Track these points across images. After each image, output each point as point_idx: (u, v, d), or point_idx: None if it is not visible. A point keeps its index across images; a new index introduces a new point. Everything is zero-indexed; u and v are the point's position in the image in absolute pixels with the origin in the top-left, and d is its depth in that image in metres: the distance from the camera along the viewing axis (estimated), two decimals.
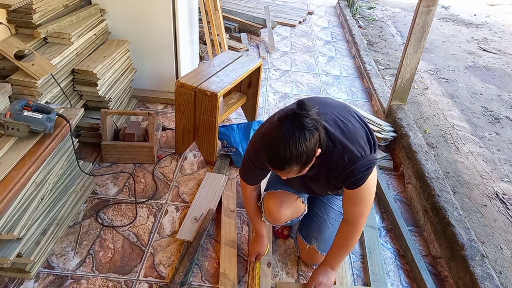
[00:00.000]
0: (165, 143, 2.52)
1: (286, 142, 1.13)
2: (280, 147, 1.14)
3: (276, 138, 1.15)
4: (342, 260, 1.59)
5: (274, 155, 1.17)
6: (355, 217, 1.44)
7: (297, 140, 1.13)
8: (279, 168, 1.20)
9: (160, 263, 1.76)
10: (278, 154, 1.16)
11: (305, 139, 1.14)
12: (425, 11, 2.37)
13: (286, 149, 1.14)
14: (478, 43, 4.77)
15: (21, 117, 1.54)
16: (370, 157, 1.33)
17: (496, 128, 3.02)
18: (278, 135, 1.15)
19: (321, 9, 5.62)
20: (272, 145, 1.17)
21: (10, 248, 1.46)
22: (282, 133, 1.14)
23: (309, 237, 1.71)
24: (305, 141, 1.14)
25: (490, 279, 1.62)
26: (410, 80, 2.67)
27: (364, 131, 1.39)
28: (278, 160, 1.17)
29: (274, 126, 1.18)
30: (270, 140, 1.18)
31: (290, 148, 1.13)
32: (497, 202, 2.27)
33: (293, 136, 1.13)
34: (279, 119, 1.18)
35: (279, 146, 1.14)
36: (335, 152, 1.30)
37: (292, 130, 1.13)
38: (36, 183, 1.59)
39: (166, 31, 2.65)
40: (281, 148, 1.14)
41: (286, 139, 1.13)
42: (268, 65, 3.74)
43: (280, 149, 1.14)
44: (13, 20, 2.02)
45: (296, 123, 1.14)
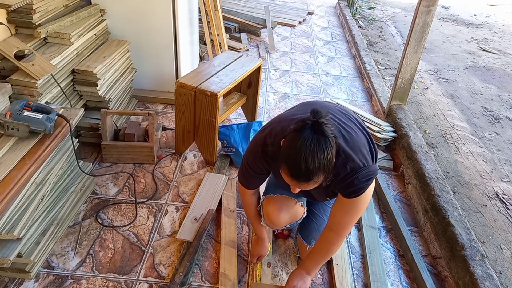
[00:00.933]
0: (165, 143, 2.52)
1: (314, 152, 1.09)
2: (308, 158, 1.09)
3: (301, 149, 1.09)
4: (319, 267, 1.56)
5: (300, 168, 1.11)
6: (342, 225, 1.41)
7: (324, 149, 1.10)
8: (305, 180, 1.14)
9: (160, 263, 1.76)
10: (306, 166, 1.10)
11: (330, 146, 1.11)
12: (425, 11, 2.37)
13: (314, 160, 1.09)
14: (478, 43, 4.77)
15: (21, 117, 1.54)
16: (372, 167, 1.30)
17: (496, 128, 3.02)
18: (302, 146, 1.09)
19: (321, 9, 5.62)
20: (297, 157, 1.10)
21: (10, 248, 1.46)
22: (308, 144, 1.09)
23: (309, 238, 1.71)
24: (330, 148, 1.11)
25: (490, 279, 1.62)
26: (410, 80, 2.67)
27: (367, 140, 1.37)
28: (307, 172, 1.11)
29: (294, 137, 1.12)
30: (295, 153, 1.10)
31: (319, 158, 1.09)
32: (497, 202, 2.27)
33: (320, 145, 1.09)
34: (298, 130, 1.12)
35: (307, 158, 1.09)
36: (338, 160, 1.25)
37: (318, 139, 1.09)
38: (36, 183, 1.59)
39: (166, 31, 2.65)
40: (309, 159, 1.09)
41: (313, 149, 1.09)
42: (268, 65, 3.74)
43: (308, 161, 1.09)
44: (13, 20, 2.02)
45: (318, 132, 1.10)
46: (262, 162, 1.41)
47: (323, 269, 1.81)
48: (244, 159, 1.49)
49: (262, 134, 1.41)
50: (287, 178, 1.19)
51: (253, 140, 1.47)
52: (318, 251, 1.51)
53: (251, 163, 1.44)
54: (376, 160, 1.39)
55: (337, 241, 1.45)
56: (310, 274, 1.56)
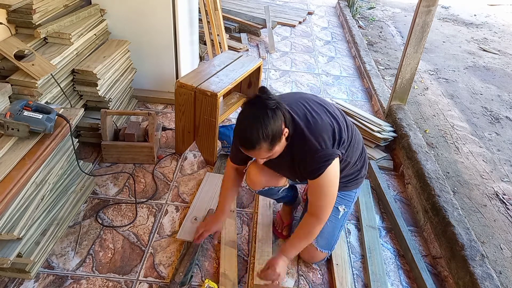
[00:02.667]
0: (165, 143, 2.52)
1: (252, 122, 1.24)
2: (247, 128, 1.25)
3: (243, 121, 1.27)
4: (298, 251, 1.60)
5: (243, 137, 1.27)
6: (317, 209, 1.49)
7: (262, 119, 1.24)
8: (249, 148, 1.29)
9: (160, 263, 1.76)
10: (246, 135, 1.26)
11: (268, 117, 1.25)
12: (425, 11, 2.37)
13: (253, 129, 1.24)
14: (478, 43, 4.78)
15: (21, 117, 1.54)
16: (330, 151, 1.41)
17: (496, 128, 3.02)
18: (244, 118, 1.27)
19: (321, 9, 5.62)
20: (240, 128, 1.28)
21: (10, 248, 1.46)
22: (247, 115, 1.26)
23: None
24: (269, 119, 1.25)
25: (490, 279, 1.62)
26: (410, 80, 2.67)
27: (331, 127, 1.45)
28: (248, 141, 1.27)
29: (240, 111, 1.30)
30: (238, 124, 1.29)
31: (257, 127, 1.24)
32: (497, 202, 2.27)
33: (257, 116, 1.24)
34: (243, 104, 1.29)
35: (247, 128, 1.25)
36: (297, 141, 1.40)
37: (256, 111, 1.25)
38: (36, 183, 1.59)
39: (166, 31, 2.65)
40: (248, 129, 1.25)
41: (252, 120, 1.24)
42: (268, 65, 3.74)
43: (247, 130, 1.25)
44: (13, 20, 2.02)
45: (258, 105, 1.26)
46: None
47: (323, 269, 1.81)
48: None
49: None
50: (241, 149, 1.32)
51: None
52: (297, 235, 1.56)
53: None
54: (341, 146, 1.46)
55: (316, 224, 1.51)
56: (289, 257, 1.57)
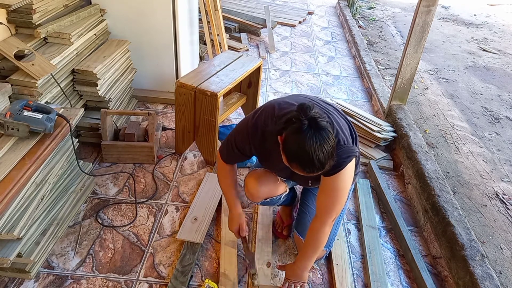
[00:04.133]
0: (165, 143, 2.52)
1: (321, 147, 1.19)
2: (319, 154, 1.19)
3: (310, 149, 1.19)
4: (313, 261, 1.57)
5: (313, 163, 1.20)
6: (326, 209, 1.46)
7: (327, 140, 1.20)
8: (317, 171, 1.23)
9: (160, 263, 1.76)
10: (319, 161, 1.20)
11: (330, 134, 1.22)
12: (425, 11, 2.37)
13: (324, 153, 1.20)
14: (478, 43, 4.77)
15: (21, 117, 1.54)
16: (353, 147, 1.42)
17: (496, 128, 3.02)
18: (310, 146, 1.19)
19: (321, 9, 5.62)
20: (309, 156, 1.19)
21: (10, 248, 1.46)
22: (313, 142, 1.19)
23: (305, 232, 1.70)
24: (331, 136, 1.23)
25: (490, 279, 1.62)
26: (410, 80, 2.67)
27: (348, 125, 1.49)
28: (320, 165, 1.21)
29: (299, 139, 1.20)
30: (306, 153, 1.19)
31: (327, 150, 1.20)
32: (497, 202, 2.27)
33: (323, 138, 1.20)
34: (298, 130, 1.20)
35: (318, 154, 1.19)
36: None
37: (320, 134, 1.20)
38: (36, 183, 1.59)
39: (166, 31, 2.65)
40: (320, 155, 1.19)
41: (320, 144, 1.19)
42: (268, 65, 3.74)
43: (319, 156, 1.19)
44: (13, 20, 2.02)
45: (316, 127, 1.20)
46: (249, 146, 1.50)
47: (323, 269, 1.81)
48: (232, 136, 1.56)
49: (253, 120, 1.48)
50: (300, 172, 1.27)
51: (244, 122, 1.54)
52: (308, 244, 1.54)
53: (238, 143, 1.53)
54: (357, 144, 1.49)
55: (323, 228, 1.48)
56: (306, 269, 1.57)
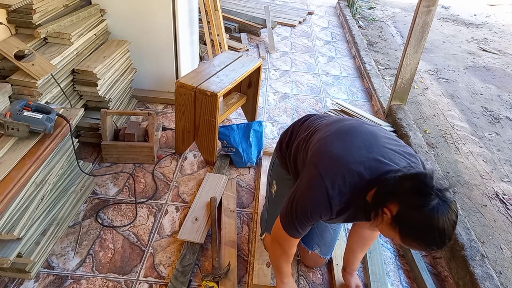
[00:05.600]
0: (165, 143, 2.52)
1: (454, 223, 1.11)
2: (451, 232, 1.11)
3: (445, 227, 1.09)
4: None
5: (443, 241, 1.11)
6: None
7: (456, 213, 1.12)
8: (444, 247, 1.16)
9: (160, 263, 1.76)
10: (450, 238, 1.12)
11: (456, 206, 1.13)
12: (425, 11, 2.37)
13: (454, 229, 1.12)
14: (478, 43, 4.78)
15: (21, 117, 1.54)
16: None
17: (496, 128, 3.02)
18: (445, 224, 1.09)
19: (321, 9, 5.62)
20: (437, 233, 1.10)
21: (10, 248, 1.46)
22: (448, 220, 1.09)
23: (311, 244, 1.71)
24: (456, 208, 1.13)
25: (490, 279, 1.62)
26: (410, 80, 2.67)
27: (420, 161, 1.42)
28: (449, 241, 1.13)
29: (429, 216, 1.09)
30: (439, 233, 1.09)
31: (455, 224, 1.12)
32: (497, 202, 2.27)
33: (453, 213, 1.11)
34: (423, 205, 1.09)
35: (451, 232, 1.11)
36: None
37: (450, 209, 1.10)
38: (36, 183, 1.59)
39: (166, 31, 2.65)
40: (451, 232, 1.11)
41: (453, 221, 1.10)
42: (268, 65, 3.74)
43: (451, 234, 1.12)
44: (13, 20, 2.02)
45: (445, 201, 1.10)
46: (329, 212, 1.29)
47: (323, 269, 1.81)
48: (299, 208, 1.32)
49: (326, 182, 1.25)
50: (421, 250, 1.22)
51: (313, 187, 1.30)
52: (359, 250, 1.62)
53: (314, 213, 1.30)
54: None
55: (373, 235, 1.57)
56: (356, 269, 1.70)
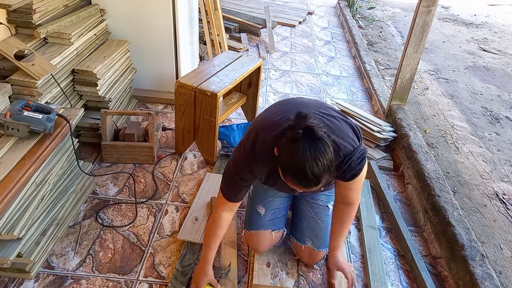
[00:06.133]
0: (165, 143, 2.52)
1: (316, 159, 1.10)
2: (313, 165, 1.10)
3: (303, 159, 1.11)
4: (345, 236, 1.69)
5: (306, 175, 1.12)
6: (351, 199, 1.52)
7: (323, 152, 1.11)
8: (315, 185, 1.15)
9: (160, 263, 1.76)
10: (313, 173, 1.11)
11: (327, 146, 1.13)
12: (425, 11, 2.37)
13: (318, 165, 1.11)
14: (478, 43, 4.77)
15: (21, 117, 1.54)
16: (361, 147, 1.36)
17: (496, 128, 3.02)
18: (304, 156, 1.10)
19: (321, 9, 5.62)
20: (302, 168, 1.11)
21: (10, 248, 1.46)
22: (308, 153, 1.10)
23: (303, 238, 1.73)
24: (328, 148, 1.13)
25: (490, 279, 1.62)
26: (410, 80, 2.67)
27: (348, 124, 1.40)
28: (313, 178, 1.12)
29: (292, 149, 1.13)
30: (298, 164, 1.11)
31: (322, 162, 1.11)
32: (497, 202, 2.27)
33: (318, 150, 1.11)
34: (293, 140, 1.13)
35: (312, 166, 1.10)
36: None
37: (315, 145, 1.11)
38: (36, 183, 1.59)
39: (166, 31, 2.65)
40: (313, 167, 1.10)
41: (314, 156, 1.10)
42: (268, 65, 3.74)
43: (313, 168, 1.11)
44: (13, 20, 2.02)
45: (312, 137, 1.12)
46: (250, 170, 1.39)
47: (323, 269, 1.80)
48: (231, 167, 1.43)
49: (248, 142, 1.38)
50: (295, 186, 1.19)
51: (239, 148, 1.43)
52: (339, 225, 1.60)
53: (240, 170, 1.41)
54: (361, 139, 1.41)
55: (351, 209, 1.56)
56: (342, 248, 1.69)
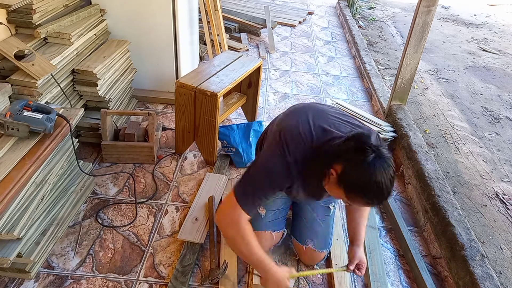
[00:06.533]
0: (165, 143, 2.52)
1: (389, 176, 1.16)
2: (388, 184, 1.16)
3: (380, 179, 1.15)
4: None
5: (383, 195, 1.17)
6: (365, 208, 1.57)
7: (392, 168, 1.18)
8: (387, 199, 1.21)
9: (160, 263, 1.76)
10: (388, 191, 1.17)
11: (392, 161, 1.18)
12: (425, 11, 2.37)
13: (391, 182, 1.17)
14: (478, 43, 4.77)
15: (21, 117, 1.54)
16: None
17: (496, 128, 3.02)
18: (380, 176, 1.15)
19: (321, 9, 5.62)
20: (379, 188, 1.15)
21: (10, 248, 1.46)
22: (383, 172, 1.15)
23: (304, 239, 1.73)
24: (392, 163, 1.18)
25: (490, 279, 1.62)
26: (410, 80, 2.67)
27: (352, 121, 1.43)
28: (387, 195, 1.18)
29: (367, 171, 1.15)
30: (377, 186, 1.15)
31: (393, 178, 1.18)
32: (497, 202, 2.27)
33: (390, 168, 1.17)
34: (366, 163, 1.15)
35: (388, 184, 1.16)
36: None
37: (386, 164, 1.16)
38: (36, 183, 1.59)
39: (166, 31, 2.65)
40: (389, 184, 1.16)
41: (387, 174, 1.15)
42: (268, 65, 3.74)
43: (388, 186, 1.16)
44: (13, 20, 2.02)
45: (382, 157, 1.16)
46: (289, 179, 1.34)
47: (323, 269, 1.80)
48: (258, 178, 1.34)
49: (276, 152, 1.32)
50: (363, 205, 1.25)
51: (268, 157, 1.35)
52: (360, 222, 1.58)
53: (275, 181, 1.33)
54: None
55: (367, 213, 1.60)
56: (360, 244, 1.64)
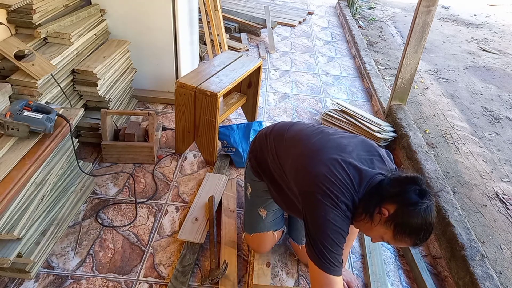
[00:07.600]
0: (165, 143, 2.52)
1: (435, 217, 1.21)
2: (433, 225, 1.21)
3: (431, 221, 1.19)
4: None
5: (429, 235, 1.21)
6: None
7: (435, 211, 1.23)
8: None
9: (160, 263, 1.76)
10: (433, 231, 1.22)
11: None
12: (425, 11, 2.37)
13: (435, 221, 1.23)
14: (478, 43, 4.77)
15: (21, 117, 1.54)
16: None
17: (496, 128, 3.02)
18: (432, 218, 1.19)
19: (321, 9, 5.62)
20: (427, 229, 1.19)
21: (10, 248, 1.46)
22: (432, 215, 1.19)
23: (299, 238, 1.74)
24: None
25: (490, 279, 1.62)
26: (410, 80, 2.67)
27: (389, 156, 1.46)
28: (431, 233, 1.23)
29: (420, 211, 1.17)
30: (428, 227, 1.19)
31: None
32: (497, 202, 2.27)
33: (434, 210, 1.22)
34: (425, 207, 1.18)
35: (433, 225, 1.21)
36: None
37: (432, 205, 1.22)
38: (36, 183, 1.59)
39: (166, 31, 2.65)
40: (434, 225, 1.21)
41: (435, 216, 1.21)
42: (268, 65, 3.74)
43: (434, 226, 1.21)
44: (13, 20, 2.02)
45: (430, 199, 1.21)
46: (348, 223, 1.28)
47: None
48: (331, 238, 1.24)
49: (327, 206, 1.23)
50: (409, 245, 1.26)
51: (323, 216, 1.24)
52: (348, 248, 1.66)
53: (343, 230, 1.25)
54: None
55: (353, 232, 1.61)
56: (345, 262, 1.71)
